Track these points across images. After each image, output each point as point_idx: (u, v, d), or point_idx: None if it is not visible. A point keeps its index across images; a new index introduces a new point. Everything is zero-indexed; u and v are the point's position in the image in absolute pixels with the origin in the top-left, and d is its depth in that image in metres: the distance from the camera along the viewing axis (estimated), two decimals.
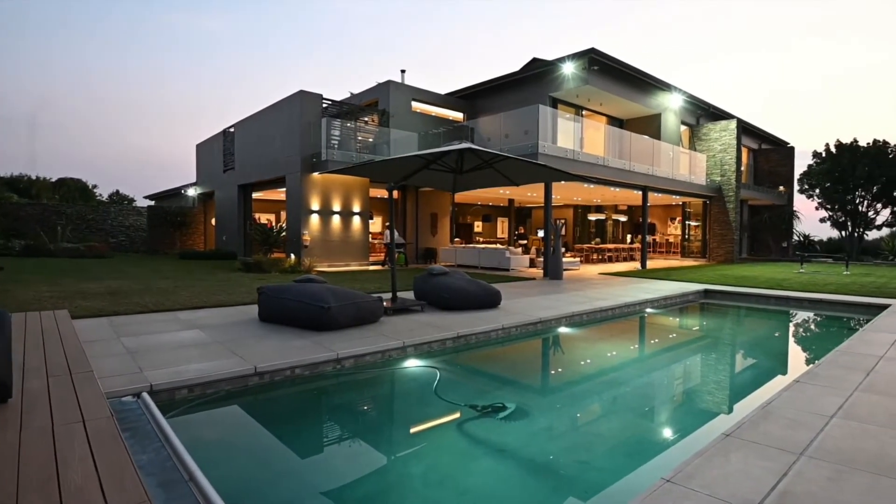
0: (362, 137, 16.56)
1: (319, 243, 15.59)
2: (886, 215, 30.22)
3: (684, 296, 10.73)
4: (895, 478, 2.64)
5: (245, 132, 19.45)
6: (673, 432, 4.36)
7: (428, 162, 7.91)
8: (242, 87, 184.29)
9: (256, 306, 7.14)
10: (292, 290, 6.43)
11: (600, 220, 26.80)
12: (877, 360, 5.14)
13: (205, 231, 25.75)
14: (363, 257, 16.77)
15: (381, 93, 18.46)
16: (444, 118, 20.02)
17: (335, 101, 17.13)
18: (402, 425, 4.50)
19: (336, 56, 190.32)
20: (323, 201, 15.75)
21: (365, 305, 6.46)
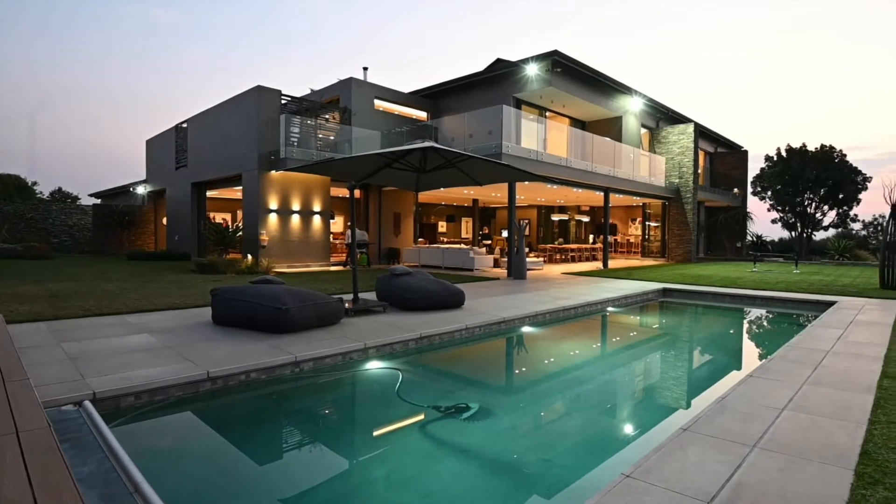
0: (323, 135, 16.30)
1: (278, 243, 15.24)
2: (833, 216, 32.09)
3: (644, 295, 11.05)
4: (842, 467, 2.78)
5: (199, 128, 18.83)
6: (634, 428, 4.47)
7: (390, 161, 7.86)
8: (196, 81, 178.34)
9: (210, 309, 6.90)
10: (248, 292, 6.26)
11: (563, 221, 27.30)
12: (824, 354, 5.42)
13: (155, 231, 24.77)
14: (324, 258, 16.51)
15: (343, 90, 18.24)
16: (408, 117, 19.96)
17: (295, 97, 16.80)
18: (363, 428, 4.44)
19: (296, 52, 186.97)
20: (282, 200, 15.41)
21: (325, 306, 6.35)
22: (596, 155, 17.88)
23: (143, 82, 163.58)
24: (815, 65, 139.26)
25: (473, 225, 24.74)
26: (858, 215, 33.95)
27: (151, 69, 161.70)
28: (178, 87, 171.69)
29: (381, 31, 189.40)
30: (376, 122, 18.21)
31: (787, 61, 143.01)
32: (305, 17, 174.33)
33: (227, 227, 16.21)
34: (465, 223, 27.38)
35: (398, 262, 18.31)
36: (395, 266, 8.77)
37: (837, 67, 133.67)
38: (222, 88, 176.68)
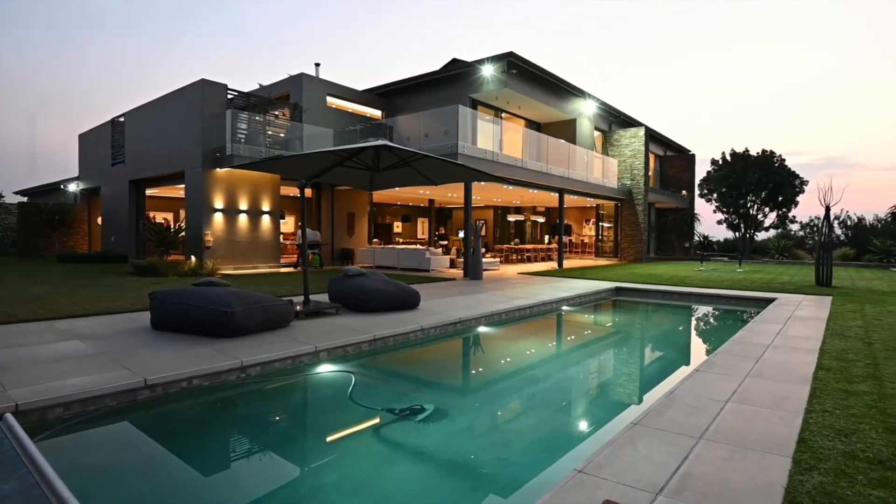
0: (272, 132, 15.89)
1: (224, 244, 14.73)
2: (773, 218, 34.13)
3: (598, 293, 11.36)
4: (781, 454, 2.95)
5: (137, 122, 17.96)
6: (588, 424, 4.59)
7: (342, 159, 7.74)
8: (134, 73, 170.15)
9: (149, 313, 6.58)
10: (191, 295, 6.01)
11: (519, 221, 27.75)
12: (764, 348, 5.74)
13: (89, 231, 23.42)
14: (274, 259, 16.09)
15: (294, 86, 17.84)
16: (362, 115, 19.75)
17: (242, 92, 16.31)
18: (315, 433, 4.34)
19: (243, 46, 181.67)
20: (228, 199, 14.90)
21: (274, 309, 6.18)
22: (551, 156, 18.27)
23: (75, 73, 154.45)
24: (757, 74, 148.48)
25: (430, 225, 24.75)
26: (796, 217, 36.30)
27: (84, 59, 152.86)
28: (113, 79, 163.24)
29: (334, 27, 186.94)
30: (329, 119, 17.92)
31: (730, 70, 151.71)
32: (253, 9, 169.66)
33: (168, 227, 15.52)
34: (422, 223, 27.36)
35: (352, 263, 18.07)
36: (349, 267, 8.64)
37: (778, 77, 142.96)
38: (163, 81, 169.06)
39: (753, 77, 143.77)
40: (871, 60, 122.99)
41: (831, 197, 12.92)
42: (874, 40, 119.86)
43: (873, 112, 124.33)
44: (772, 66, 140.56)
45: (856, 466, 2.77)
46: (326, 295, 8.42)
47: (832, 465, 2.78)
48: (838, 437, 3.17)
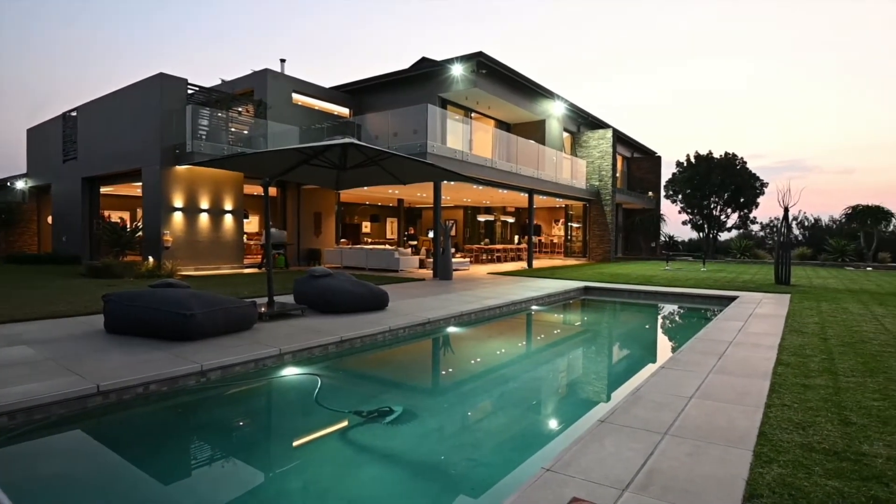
0: (236, 129, 15.54)
1: (184, 244, 14.31)
2: (735, 219, 35.38)
3: (567, 293, 11.52)
4: (742, 448, 3.03)
5: (91, 117, 17.27)
6: (557, 423, 4.63)
7: (308, 157, 7.61)
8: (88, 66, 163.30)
9: (103, 317, 6.33)
10: (147, 297, 5.80)
11: (489, 222, 27.92)
12: (727, 345, 5.92)
13: (39, 231, 22.39)
14: (237, 260, 15.72)
15: (258, 82, 17.49)
16: (329, 113, 19.52)
17: (203, 87, 15.89)
18: (279, 438, 4.24)
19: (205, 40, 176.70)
20: (188, 197, 14.49)
21: (236, 311, 6.03)
22: (520, 157, 18.44)
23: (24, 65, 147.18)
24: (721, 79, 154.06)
25: (399, 225, 24.64)
26: (757, 217, 37.60)
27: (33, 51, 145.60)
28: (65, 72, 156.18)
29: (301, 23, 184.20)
30: (294, 116, 17.64)
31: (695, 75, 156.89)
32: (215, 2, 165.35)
33: (124, 227, 14.98)
34: (391, 223, 27.22)
35: (319, 264, 17.82)
36: (315, 267, 8.51)
37: (740, 83, 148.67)
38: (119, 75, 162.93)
39: (717, 82, 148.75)
40: (827, 69, 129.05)
41: (790, 198, 13.46)
42: (831, 50, 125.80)
43: (829, 117, 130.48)
44: (734, 72, 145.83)
45: (813, 458, 2.87)
46: (292, 296, 8.27)
47: (791, 457, 2.88)
48: (796, 430, 3.28)
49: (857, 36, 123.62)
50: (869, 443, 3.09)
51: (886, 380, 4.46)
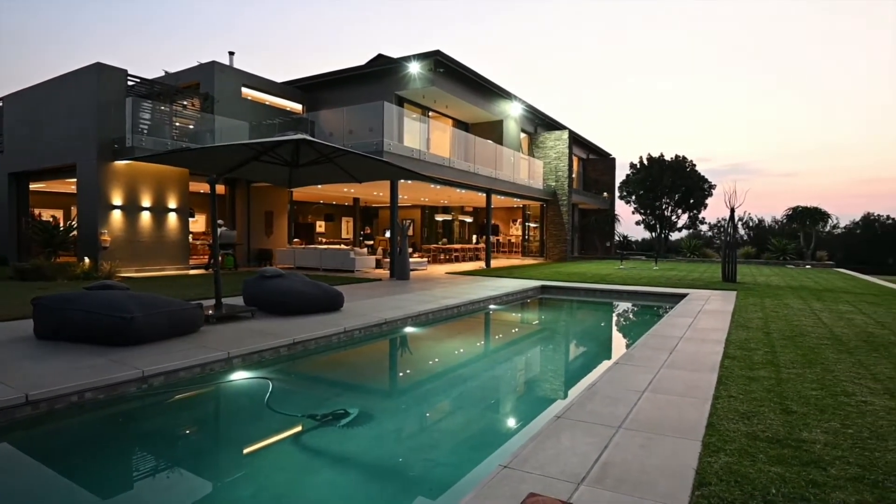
0: (180, 123, 14.95)
1: (124, 244, 13.65)
2: (685, 219, 36.95)
3: (524, 292, 11.69)
4: (692, 439, 3.16)
5: (19, 108, 16.22)
6: (515, 421, 4.69)
7: (258, 153, 7.41)
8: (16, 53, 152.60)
9: (32, 321, 5.95)
10: (82, 300, 5.49)
11: (447, 221, 28.01)
12: (678, 340, 6.15)
13: None
14: (182, 260, 15.13)
15: (205, 75, 16.89)
16: (281, 108, 19.08)
17: (145, 79, 15.21)
18: (229, 445, 4.11)
19: (147, 29, 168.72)
20: (129, 195, 13.83)
21: (180, 314, 5.79)
22: (478, 156, 18.59)
23: None
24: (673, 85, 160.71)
25: (354, 225, 24.36)
26: (706, 218, 39.48)
27: None
28: None
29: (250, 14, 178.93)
30: (244, 112, 17.14)
31: (648, 79, 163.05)
32: None
33: (57, 226, 14.15)
34: (346, 223, 26.88)
35: (270, 265, 17.38)
36: (266, 268, 8.29)
37: (690, 89, 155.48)
38: (51, 64, 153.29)
39: (669, 87, 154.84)
40: (770, 79, 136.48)
41: (736, 200, 14.16)
42: (774, 62, 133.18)
43: (773, 124, 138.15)
44: (685, 79, 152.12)
45: (757, 446, 3.02)
46: (241, 298, 8.03)
47: (737, 446, 3.02)
48: (742, 420, 3.45)
49: (797, 50, 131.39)
50: (808, 430, 3.28)
51: (823, 370, 4.76)
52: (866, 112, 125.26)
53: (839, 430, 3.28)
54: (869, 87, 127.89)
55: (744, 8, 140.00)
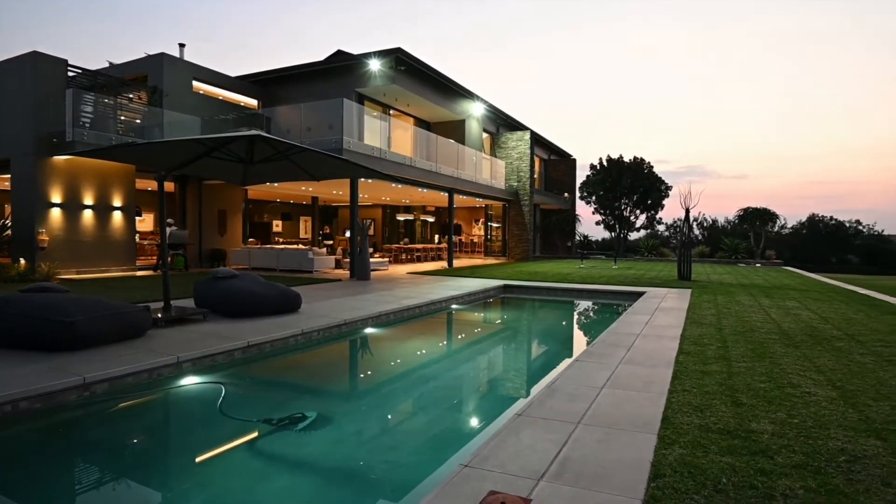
0: (126, 117, 14.35)
1: (64, 245, 13.00)
2: (643, 219, 38.11)
3: (486, 291, 11.79)
4: (648, 432, 3.25)
5: None
6: (477, 420, 4.72)
7: (209, 149, 7.18)
8: None
9: None
10: (17, 303, 5.20)
11: (409, 221, 27.94)
12: (635, 337, 6.33)
13: None
14: (128, 261, 14.53)
15: (153, 67, 16.26)
16: (235, 103, 18.59)
17: (87, 70, 14.52)
18: (178, 453, 3.97)
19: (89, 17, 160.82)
20: (69, 192, 13.18)
21: (125, 317, 5.56)
22: (440, 156, 18.61)
23: None
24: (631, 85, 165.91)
25: (313, 224, 23.98)
26: (663, 218, 40.88)
27: None
28: None
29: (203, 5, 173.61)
30: (196, 106, 16.60)
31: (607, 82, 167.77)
32: None
33: None
34: (304, 222, 26.41)
35: (224, 265, 16.90)
36: (219, 268, 8.06)
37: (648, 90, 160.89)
38: None
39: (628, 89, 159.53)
40: (722, 83, 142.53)
41: (690, 201, 14.70)
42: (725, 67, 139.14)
43: (725, 128, 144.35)
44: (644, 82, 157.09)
45: (709, 437, 3.14)
46: (192, 300, 7.78)
47: (690, 438, 3.14)
48: (695, 413, 3.58)
49: (748, 55, 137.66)
50: (756, 421, 3.44)
51: (771, 364, 4.99)
52: (813, 117, 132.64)
53: (785, 421, 3.45)
54: (815, 92, 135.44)
55: (699, 13, 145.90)
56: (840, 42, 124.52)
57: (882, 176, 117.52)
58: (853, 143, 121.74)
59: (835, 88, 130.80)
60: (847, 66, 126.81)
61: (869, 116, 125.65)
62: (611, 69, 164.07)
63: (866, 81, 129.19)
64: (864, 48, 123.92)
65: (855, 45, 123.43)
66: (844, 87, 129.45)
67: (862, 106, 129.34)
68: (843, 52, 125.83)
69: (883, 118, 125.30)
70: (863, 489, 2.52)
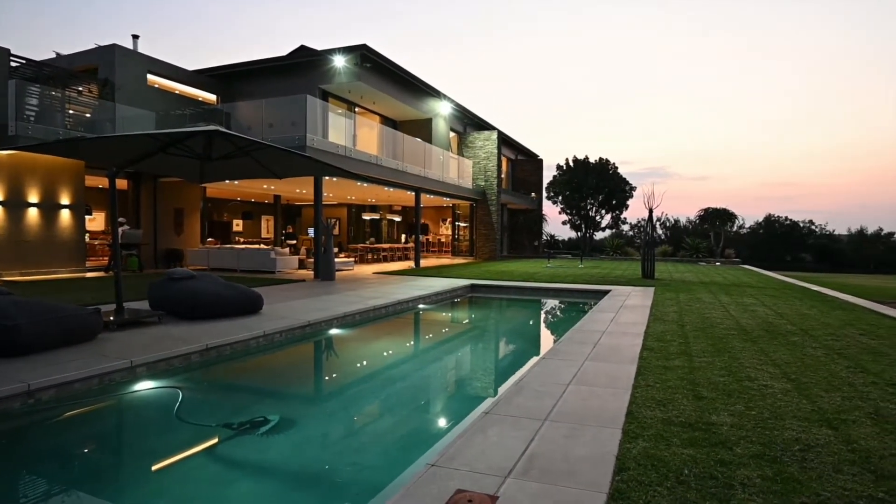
0: (75, 111, 13.78)
1: (6, 245, 12.38)
2: (608, 219, 38.98)
3: (454, 291, 11.82)
4: (613, 427, 3.32)
5: None
6: (445, 420, 4.72)
7: (164, 144, 6.95)
8: None
9: None
10: None
11: (375, 220, 27.76)
12: (601, 334, 6.46)
13: None
14: (78, 262, 13.95)
15: (104, 58, 15.66)
16: (193, 98, 18.08)
17: (32, 60, 13.89)
18: (131, 461, 3.83)
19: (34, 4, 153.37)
20: (11, 189, 12.56)
21: (74, 320, 5.33)
22: (407, 155, 18.55)
23: None
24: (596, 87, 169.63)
25: (276, 223, 23.56)
26: (627, 218, 41.97)
27: None
28: None
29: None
30: (150, 100, 16.07)
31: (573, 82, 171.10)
32: None
33: None
34: (266, 221, 25.91)
35: (181, 266, 16.41)
36: (175, 269, 7.82)
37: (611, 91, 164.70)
38: None
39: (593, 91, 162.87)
40: (688, 84, 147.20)
41: (654, 201, 15.10)
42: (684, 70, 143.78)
43: (687, 130, 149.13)
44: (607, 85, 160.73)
45: (671, 431, 3.23)
46: (147, 302, 7.52)
47: (653, 431, 3.22)
48: (658, 407, 3.67)
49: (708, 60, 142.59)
50: (716, 413, 3.56)
51: (730, 358, 5.17)
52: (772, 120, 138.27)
53: (743, 413, 3.58)
54: (772, 97, 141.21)
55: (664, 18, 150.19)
56: (798, 47, 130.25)
57: (835, 179, 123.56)
58: (810, 147, 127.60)
59: (792, 93, 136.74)
60: (804, 72, 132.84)
61: (825, 121, 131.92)
62: (577, 72, 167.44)
63: (822, 87, 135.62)
64: (821, 54, 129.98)
65: (812, 50, 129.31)
66: (801, 92, 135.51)
67: (818, 110, 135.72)
68: (802, 58, 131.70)
69: (838, 122, 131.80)
70: (815, 476, 2.64)
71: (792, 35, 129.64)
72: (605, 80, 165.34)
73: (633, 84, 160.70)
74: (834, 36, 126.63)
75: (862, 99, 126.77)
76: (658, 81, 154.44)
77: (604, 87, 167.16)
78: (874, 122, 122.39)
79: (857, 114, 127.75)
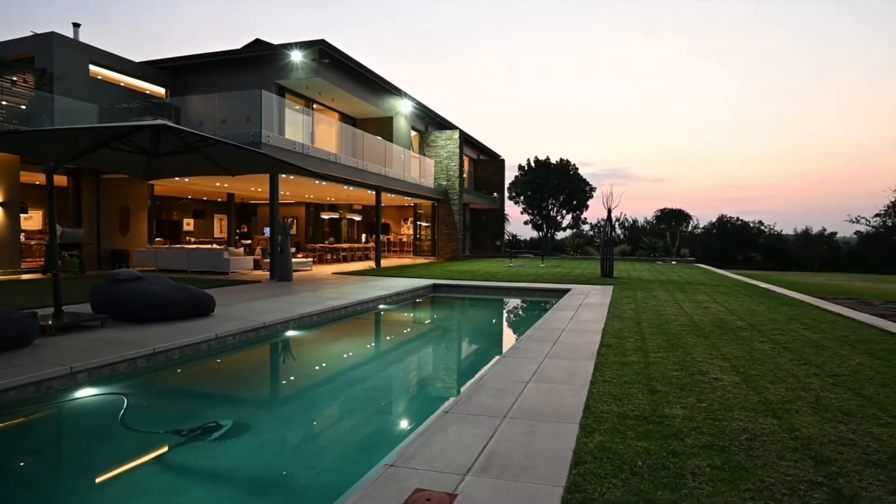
0: (8, 102, 13.09)
1: None
2: (569, 219, 39.80)
3: (415, 291, 11.80)
4: (570, 423, 3.39)
5: None
6: (406, 420, 4.72)
7: (107, 138, 6.67)
8: None
9: None
10: None
11: (335, 220, 27.43)
12: (560, 332, 6.59)
13: None
14: (12, 263, 13.25)
15: (41, 47, 14.91)
16: (140, 91, 17.44)
17: None
18: (72, 472, 3.66)
19: None
20: None
21: (7, 324, 5.06)
22: (367, 153, 18.40)
23: None
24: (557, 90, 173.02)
25: (229, 223, 22.94)
26: (587, 218, 42.94)
27: None
28: None
29: None
30: (92, 92, 15.39)
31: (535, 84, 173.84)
32: None
33: None
34: (220, 220, 25.21)
35: (127, 267, 15.79)
36: (120, 270, 7.53)
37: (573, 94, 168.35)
38: None
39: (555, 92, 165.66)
40: (647, 89, 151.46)
41: (613, 202, 15.50)
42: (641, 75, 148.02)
43: (646, 132, 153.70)
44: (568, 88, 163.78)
45: (627, 424, 3.33)
46: (90, 305, 7.21)
47: (609, 425, 3.31)
48: (614, 402, 3.78)
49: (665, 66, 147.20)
50: (669, 406, 3.69)
51: (684, 353, 5.37)
52: (726, 124, 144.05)
53: (695, 405, 3.72)
54: (728, 101, 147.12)
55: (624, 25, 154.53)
56: (754, 53, 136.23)
57: (784, 180, 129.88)
58: (762, 149, 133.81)
59: (747, 98, 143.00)
60: (760, 76, 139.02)
61: (777, 124, 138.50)
62: (538, 75, 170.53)
63: (775, 91, 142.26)
64: (775, 59, 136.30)
65: (767, 55, 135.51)
66: (756, 96, 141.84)
67: (771, 114, 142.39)
68: (758, 63, 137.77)
69: (790, 126, 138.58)
70: (761, 464, 2.77)
71: (752, 39, 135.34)
72: (566, 84, 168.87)
73: (594, 87, 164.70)
74: (782, 40, 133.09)
75: (809, 103, 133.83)
76: (619, 85, 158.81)
77: (565, 90, 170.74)
78: (821, 125, 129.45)
79: (806, 118, 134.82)
